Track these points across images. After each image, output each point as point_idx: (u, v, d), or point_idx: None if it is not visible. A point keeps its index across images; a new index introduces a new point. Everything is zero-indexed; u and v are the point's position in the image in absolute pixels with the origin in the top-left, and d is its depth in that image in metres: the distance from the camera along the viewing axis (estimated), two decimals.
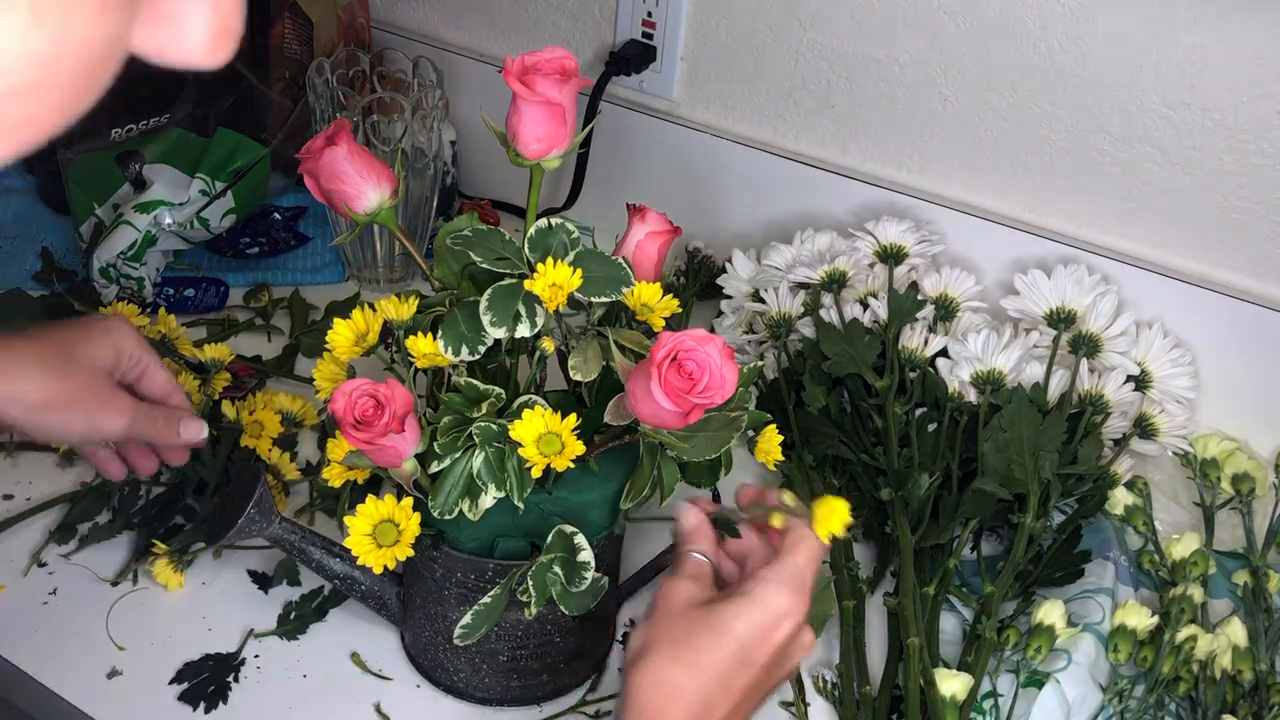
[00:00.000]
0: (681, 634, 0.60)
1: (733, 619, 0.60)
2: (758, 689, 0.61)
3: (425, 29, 1.25)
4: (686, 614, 0.61)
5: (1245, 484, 0.93)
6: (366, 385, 0.64)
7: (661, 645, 0.60)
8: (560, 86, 0.67)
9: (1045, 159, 1.00)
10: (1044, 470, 0.84)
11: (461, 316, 0.67)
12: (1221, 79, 0.90)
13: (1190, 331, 0.98)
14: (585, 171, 1.18)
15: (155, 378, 0.80)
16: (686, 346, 0.61)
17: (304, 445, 0.94)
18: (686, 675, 0.58)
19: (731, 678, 0.59)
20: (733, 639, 0.59)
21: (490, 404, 0.67)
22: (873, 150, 1.07)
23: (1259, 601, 0.85)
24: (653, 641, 0.60)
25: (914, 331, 0.94)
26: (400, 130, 1.05)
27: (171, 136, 1.10)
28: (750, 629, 0.60)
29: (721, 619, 0.60)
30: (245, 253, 1.14)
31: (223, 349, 0.92)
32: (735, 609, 0.60)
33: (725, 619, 0.60)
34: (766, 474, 0.95)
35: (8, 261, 1.11)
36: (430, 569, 0.73)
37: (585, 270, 0.66)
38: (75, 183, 1.08)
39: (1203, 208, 0.96)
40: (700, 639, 0.59)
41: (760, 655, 0.60)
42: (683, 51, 1.11)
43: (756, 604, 0.60)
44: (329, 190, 0.71)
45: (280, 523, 0.75)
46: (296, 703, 0.77)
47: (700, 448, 0.67)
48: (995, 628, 0.79)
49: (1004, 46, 0.97)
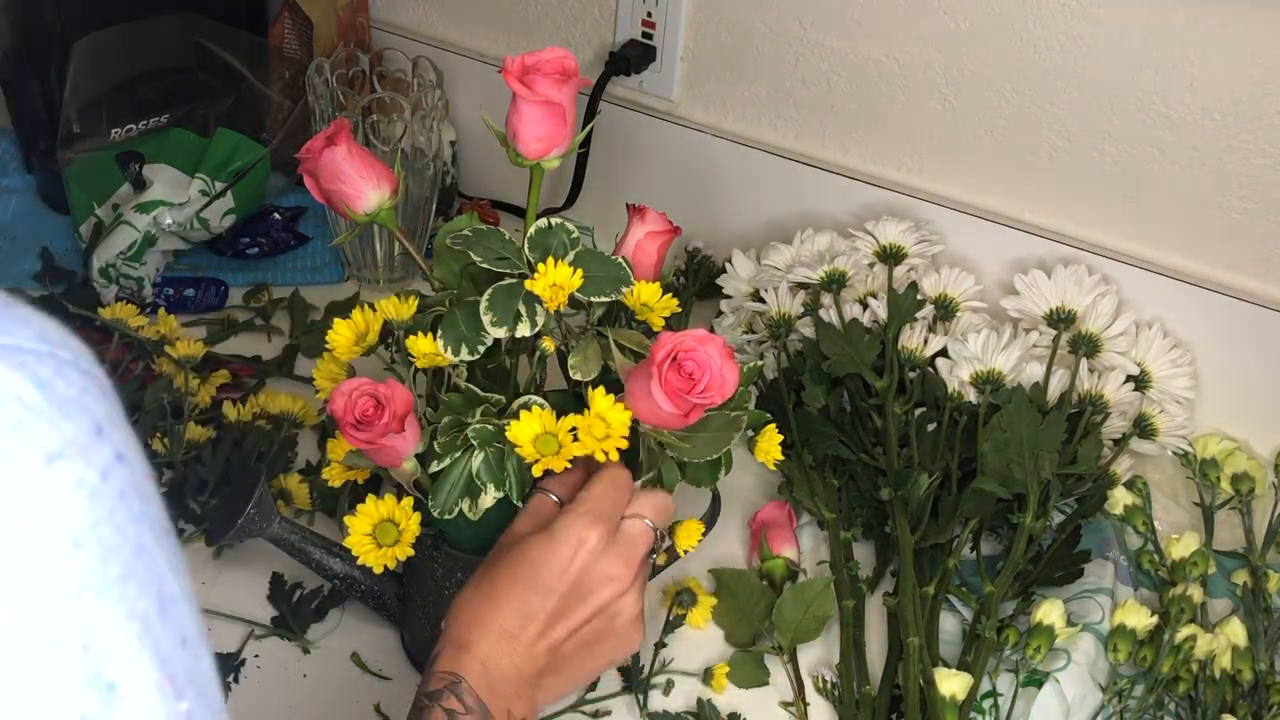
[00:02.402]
0: (488, 566, 0.63)
1: (530, 549, 0.63)
2: (566, 617, 0.62)
3: (425, 29, 1.25)
4: (501, 549, 0.64)
5: (1245, 484, 0.93)
6: (366, 385, 0.64)
7: (474, 579, 0.63)
8: (560, 86, 0.67)
9: (1045, 159, 1.00)
10: (1044, 470, 0.84)
11: (461, 316, 0.68)
12: (1221, 79, 0.90)
13: (1190, 331, 0.98)
14: (585, 171, 1.18)
15: None
16: (686, 346, 0.61)
17: (304, 445, 0.94)
18: (484, 602, 0.62)
19: (529, 605, 0.61)
20: (527, 568, 0.62)
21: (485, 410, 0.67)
22: (873, 150, 1.07)
23: (1258, 601, 0.85)
24: (474, 577, 0.64)
25: (913, 331, 0.94)
26: (400, 130, 1.05)
27: (171, 136, 1.10)
28: (544, 556, 0.62)
29: (521, 551, 0.63)
30: (245, 253, 1.14)
31: (196, 346, 0.92)
32: (533, 540, 0.63)
33: (524, 550, 0.63)
34: (766, 474, 0.95)
35: (8, 261, 1.11)
36: (430, 569, 0.73)
37: (585, 270, 0.66)
38: (75, 183, 1.08)
39: (1203, 208, 0.96)
40: (499, 569, 0.62)
41: (557, 583, 0.62)
42: (682, 51, 1.11)
43: (552, 536, 0.63)
44: (329, 190, 0.71)
45: (280, 523, 0.75)
46: (296, 703, 0.77)
47: (701, 448, 0.67)
48: (995, 627, 0.79)
49: (1004, 46, 0.97)
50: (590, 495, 0.65)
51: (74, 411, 0.30)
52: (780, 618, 0.82)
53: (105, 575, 0.29)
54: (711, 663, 0.82)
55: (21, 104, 1.14)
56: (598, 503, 0.64)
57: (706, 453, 0.68)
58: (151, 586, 0.31)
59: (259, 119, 1.14)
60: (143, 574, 0.31)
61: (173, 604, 0.32)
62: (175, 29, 1.11)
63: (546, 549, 0.62)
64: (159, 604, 0.31)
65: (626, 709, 0.79)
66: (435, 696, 0.59)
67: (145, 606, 0.30)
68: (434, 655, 0.61)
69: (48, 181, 1.17)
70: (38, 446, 0.29)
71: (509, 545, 0.64)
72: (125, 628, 0.30)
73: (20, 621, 0.28)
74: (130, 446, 0.32)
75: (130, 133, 1.10)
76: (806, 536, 0.92)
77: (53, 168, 1.10)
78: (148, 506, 0.32)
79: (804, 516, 0.93)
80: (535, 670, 0.62)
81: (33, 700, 0.28)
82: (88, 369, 0.31)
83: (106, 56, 1.06)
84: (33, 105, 1.12)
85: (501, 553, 0.64)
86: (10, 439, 0.28)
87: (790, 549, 0.88)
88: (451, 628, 0.62)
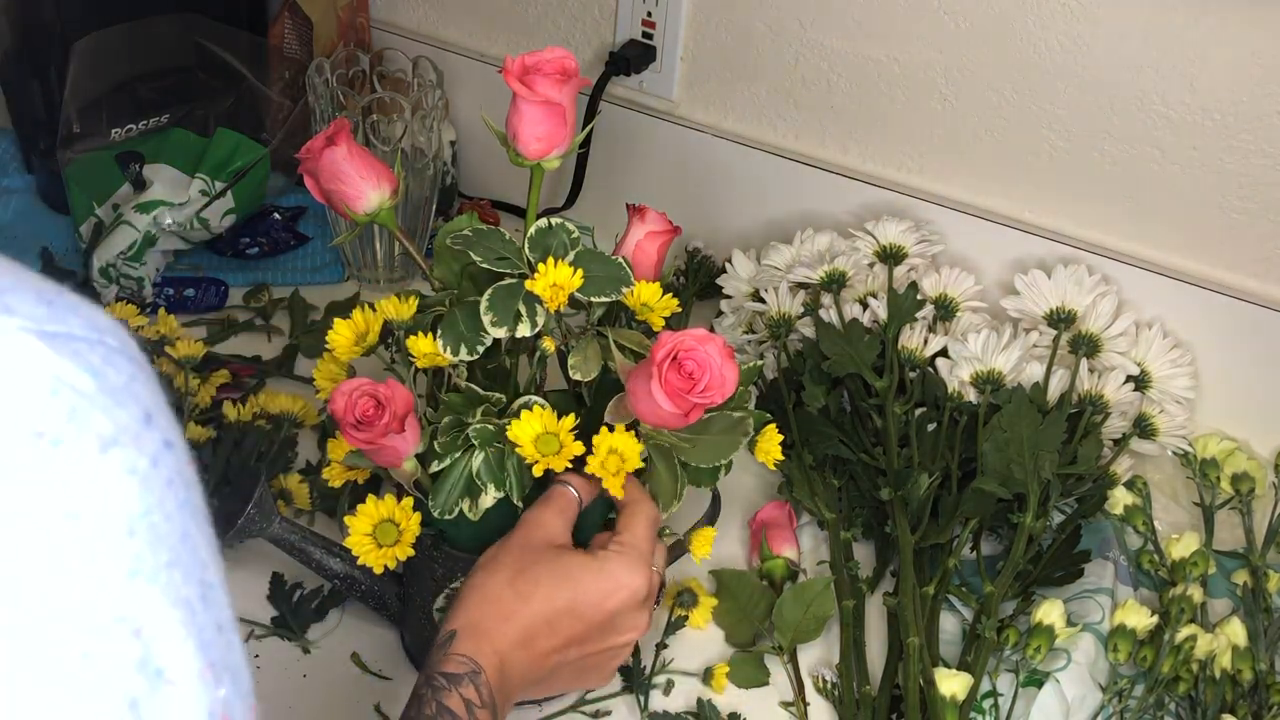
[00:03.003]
0: (528, 565, 0.63)
1: (577, 571, 0.64)
2: (583, 643, 0.64)
3: (425, 29, 1.25)
4: (542, 549, 0.64)
5: (1245, 484, 0.93)
6: (366, 385, 0.64)
7: (505, 567, 0.63)
8: (560, 86, 0.67)
9: (1045, 159, 1.00)
10: (1044, 470, 0.84)
11: (461, 316, 0.68)
12: (1221, 79, 0.90)
13: (1190, 331, 0.98)
14: (585, 171, 1.19)
15: None
16: (686, 346, 0.61)
17: (304, 445, 0.94)
18: (517, 601, 0.62)
19: (558, 621, 0.63)
20: (569, 588, 0.63)
21: (485, 409, 0.67)
22: (873, 150, 1.07)
23: (1259, 601, 0.85)
24: (499, 562, 0.64)
25: (914, 331, 0.94)
26: (400, 130, 1.05)
27: (171, 136, 1.10)
28: (588, 586, 0.63)
29: (566, 567, 0.63)
30: (245, 253, 1.14)
31: (196, 346, 0.92)
32: (581, 563, 0.64)
33: (569, 568, 0.63)
34: (766, 474, 0.95)
35: None
36: (430, 569, 0.73)
37: (585, 270, 0.66)
38: (75, 183, 1.08)
39: (1203, 208, 0.96)
40: (542, 575, 0.63)
41: (591, 613, 0.63)
42: (682, 51, 1.11)
43: (602, 569, 0.64)
44: (329, 190, 0.71)
45: (280, 523, 0.75)
46: (296, 703, 0.77)
47: (706, 452, 0.68)
48: (995, 627, 0.79)
49: (1004, 46, 0.97)
50: (638, 538, 0.66)
51: (125, 399, 0.30)
52: (780, 618, 0.82)
53: (155, 562, 0.30)
54: (712, 663, 0.82)
55: (21, 104, 1.15)
56: (645, 546, 0.66)
57: (713, 458, 0.68)
58: (195, 573, 0.31)
59: (259, 119, 1.14)
60: (187, 561, 0.31)
61: (212, 590, 0.32)
62: (175, 29, 1.11)
63: (595, 579, 0.64)
64: (200, 590, 0.32)
65: (627, 709, 0.79)
66: (454, 680, 0.59)
67: (189, 593, 0.31)
68: (450, 630, 0.61)
69: (48, 181, 1.17)
70: (93, 434, 0.29)
71: (541, 546, 0.64)
72: (172, 614, 0.30)
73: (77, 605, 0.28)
74: (176, 434, 0.32)
75: (130, 133, 1.10)
76: (806, 536, 0.92)
77: (53, 168, 1.10)
78: (190, 493, 0.32)
79: (804, 516, 0.93)
80: (534, 679, 0.63)
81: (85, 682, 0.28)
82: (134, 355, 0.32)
83: (106, 56, 1.06)
84: (33, 105, 1.12)
85: (540, 555, 0.64)
86: (68, 427, 0.28)
87: (790, 549, 0.88)
88: (473, 607, 0.62)
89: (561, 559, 0.64)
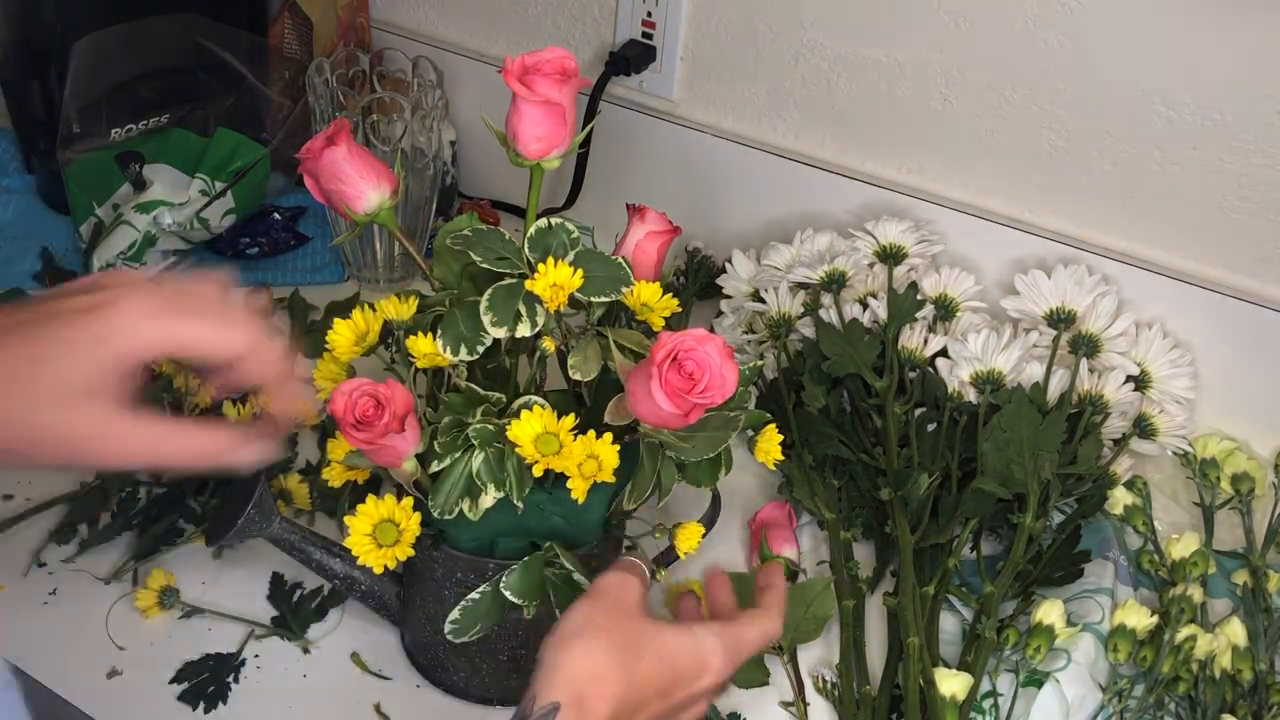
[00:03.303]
0: (630, 638, 0.62)
1: (678, 652, 0.63)
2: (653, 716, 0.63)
3: (425, 29, 1.25)
4: (638, 620, 0.63)
5: (1245, 484, 0.93)
6: (366, 385, 0.64)
7: (604, 636, 0.61)
8: (560, 86, 0.67)
9: (1045, 159, 1.00)
10: (1044, 470, 0.84)
11: (461, 316, 0.67)
12: (1221, 79, 0.90)
13: (1190, 331, 0.98)
14: (585, 171, 1.19)
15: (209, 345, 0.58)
16: (686, 346, 0.61)
17: (304, 445, 0.94)
18: (621, 678, 0.60)
19: (650, 701, 0.61)
20: (669, 668, 0.62)
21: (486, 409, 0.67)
22: (873, 150, 1.07)
23: (1258, 601, 0.85)
24: (597, 628, 0.61)
25: (913, 331, 0.94)
26: (400, 130, 1.05)
27: (171, 136, 1.10)
28: (685, 668, 0.63)
29: (667, 645, 0.62)
30: (245, 253, 1.14)
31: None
32: (682, 644, 0.63)
33: (671, 647, 0.62)
34: (766, 474, 0.95)
35: (8, 261, 1.11)
36: (430, 569, 0.73)
37: (585, 270, 0.66)
38: (75, 183, 1.08)
39: (1203, 208, 0.96)
40: (646, 651, 0.61)
41: (679, 694, 0.63)
42: (682, 51, 1.11)
43: (700, 650, 0.63)
44: (329, 190, 0.71)
45: (280, 523, 0.75)
46: (296, 703, 0.77)
47: (698, 447, 0.67)
48: (995, 627, 0.79)
49: (1004, 46, 0.97)
50: (746, 642, 0.66)
51: None
52: None
53: None
54: None
55: (21, 104, 1.15)
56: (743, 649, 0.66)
57: (704, 451, 0.68)
58: None
59: (259, 119, 1.14)
60: None
61: None
62: (175, 29, 1.11)
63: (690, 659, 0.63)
64: None
65: None
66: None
67: None
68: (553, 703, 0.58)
69: (48, 181, 1.17)
70: None
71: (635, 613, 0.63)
72: None
73: None
74: None
75: (130, 133, 1.10)
76: (806, 536, 0.92)
77: (53, 168, 1.10)
78: None
79: (804, 516, 0.93)
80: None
81: None
82: None
83: (106, 56, 1.06)
84: (33, 105, 1.12)
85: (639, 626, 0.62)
86: None
87: (790, 549, 0.88)
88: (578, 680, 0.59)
89: (662, 635, 0.63)
